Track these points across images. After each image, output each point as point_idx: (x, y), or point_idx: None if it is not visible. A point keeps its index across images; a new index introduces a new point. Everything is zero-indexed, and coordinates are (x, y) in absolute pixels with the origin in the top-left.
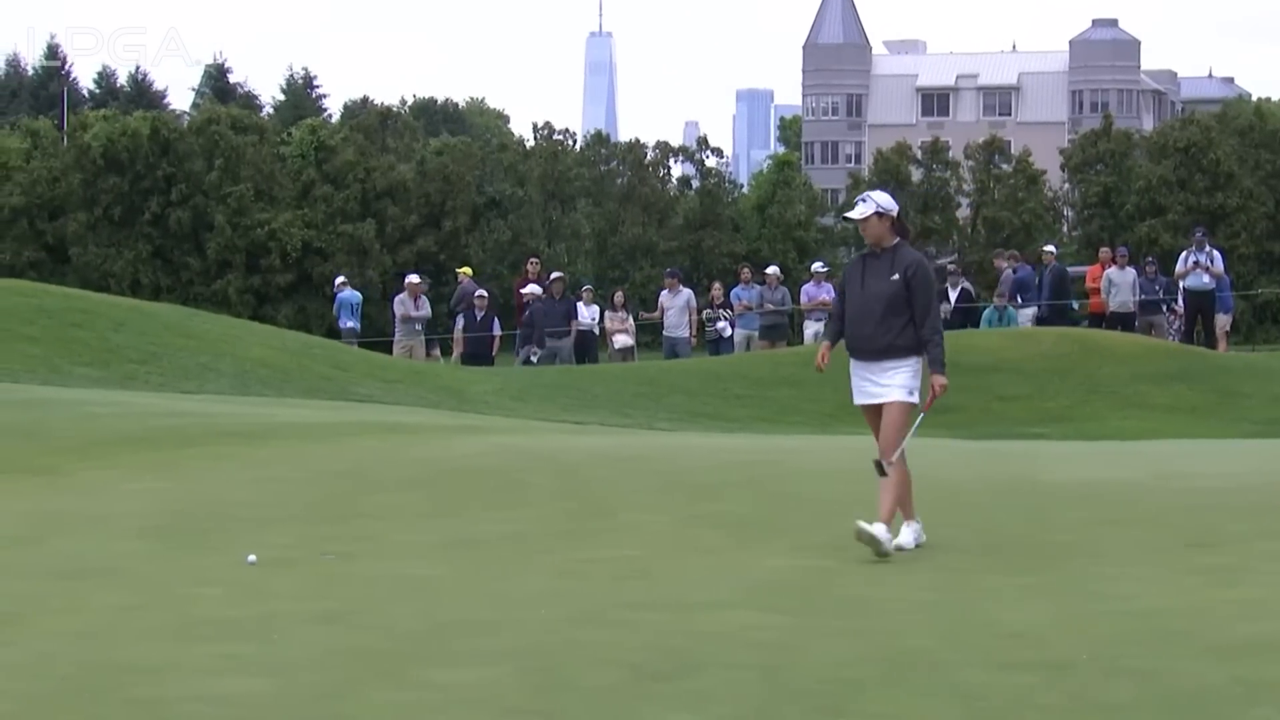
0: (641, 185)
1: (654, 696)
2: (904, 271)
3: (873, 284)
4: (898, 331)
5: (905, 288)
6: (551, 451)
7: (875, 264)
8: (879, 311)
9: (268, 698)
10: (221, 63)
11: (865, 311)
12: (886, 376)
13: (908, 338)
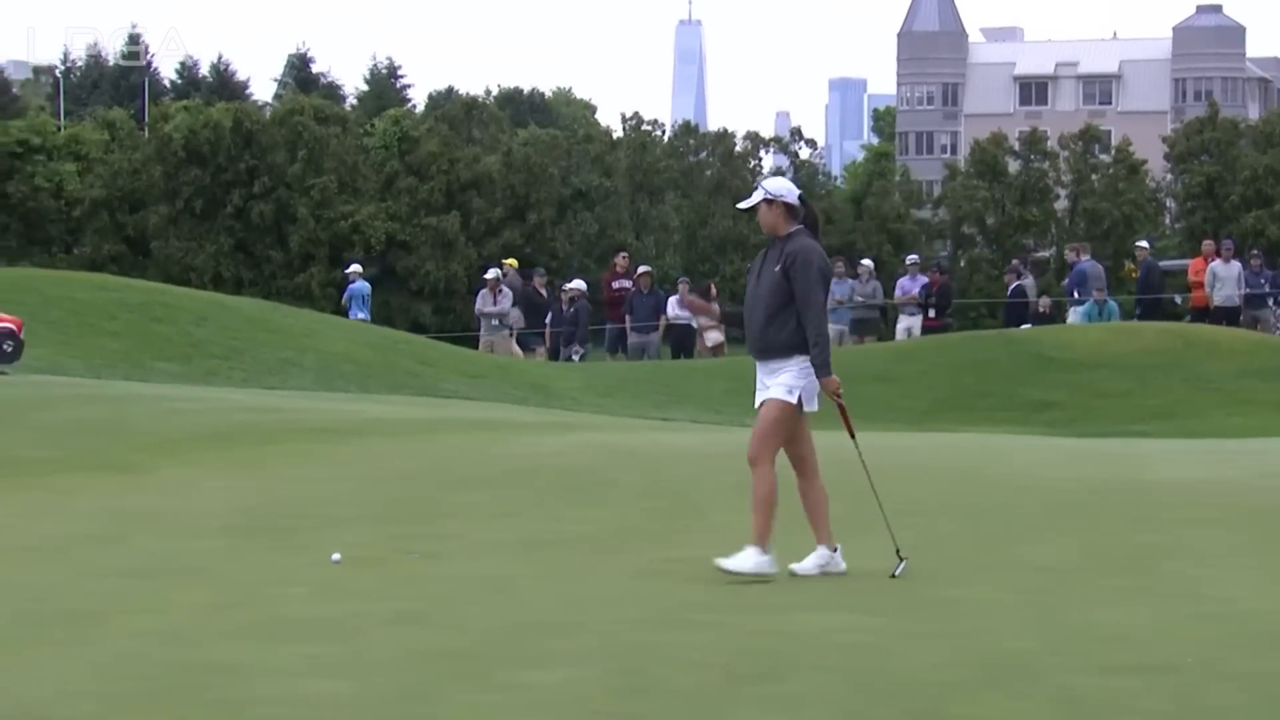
0: (732, 177)
1: (743, 699)
2: (785, 261)
3: (765, 278)
4: (779, 327)
5: (785, 279)
6: (639, 449)
7: (771, 255)
8: (763, 307)
9: (350, 699)
10: (304, 52)
11: (753, 307)
12: (772, 376)
13: (790, 334)
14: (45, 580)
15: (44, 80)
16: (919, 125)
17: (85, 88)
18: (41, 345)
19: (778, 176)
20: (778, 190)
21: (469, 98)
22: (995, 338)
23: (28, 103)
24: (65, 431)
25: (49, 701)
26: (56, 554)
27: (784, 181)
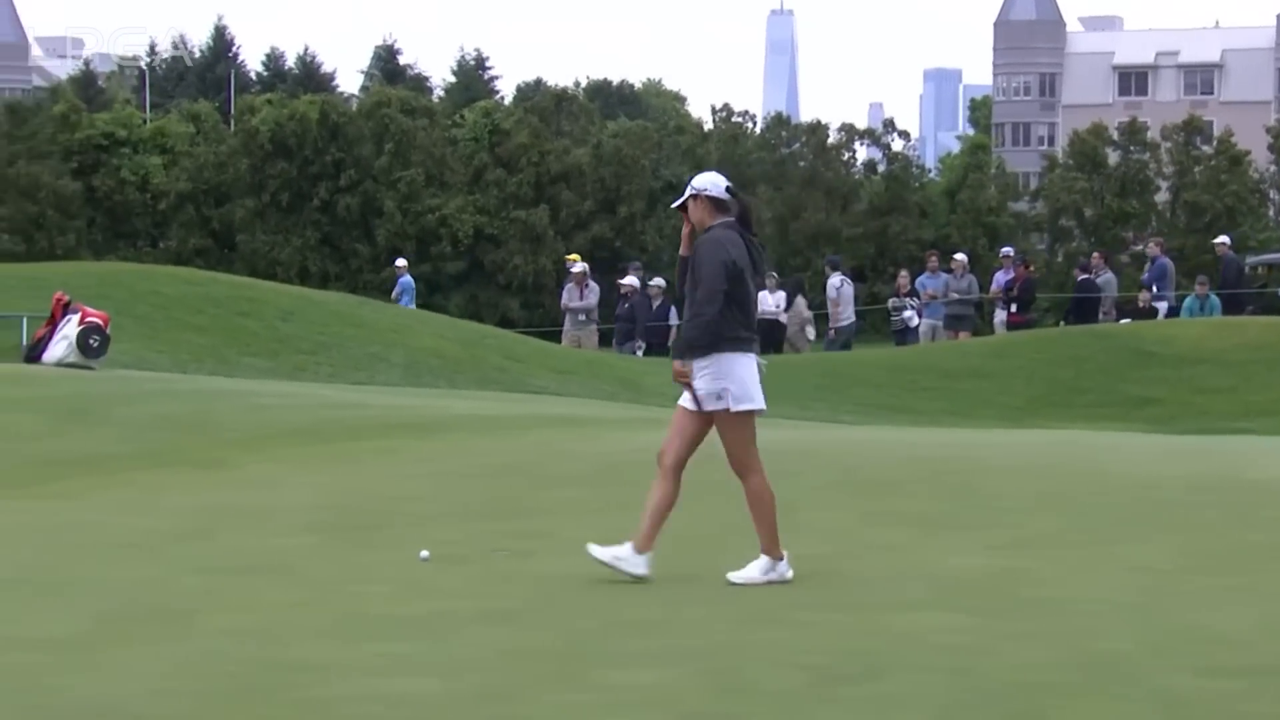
0: (824, 169)
1: (838, 700)
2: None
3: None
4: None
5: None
6: None
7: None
8: (686, 303)
9: (438, 698)
10: (391, 44)
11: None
12: (697, 375)
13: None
14: (134, 577)
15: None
16: (1015, 116)
17: (171, 80)
18: (128, 340)
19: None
20: (701, 185)
21: (558, 89)
22: (1093, 333)
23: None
24: (152, 427)
25: (139, 699)
26: (144, 551)
27: (711, 176)
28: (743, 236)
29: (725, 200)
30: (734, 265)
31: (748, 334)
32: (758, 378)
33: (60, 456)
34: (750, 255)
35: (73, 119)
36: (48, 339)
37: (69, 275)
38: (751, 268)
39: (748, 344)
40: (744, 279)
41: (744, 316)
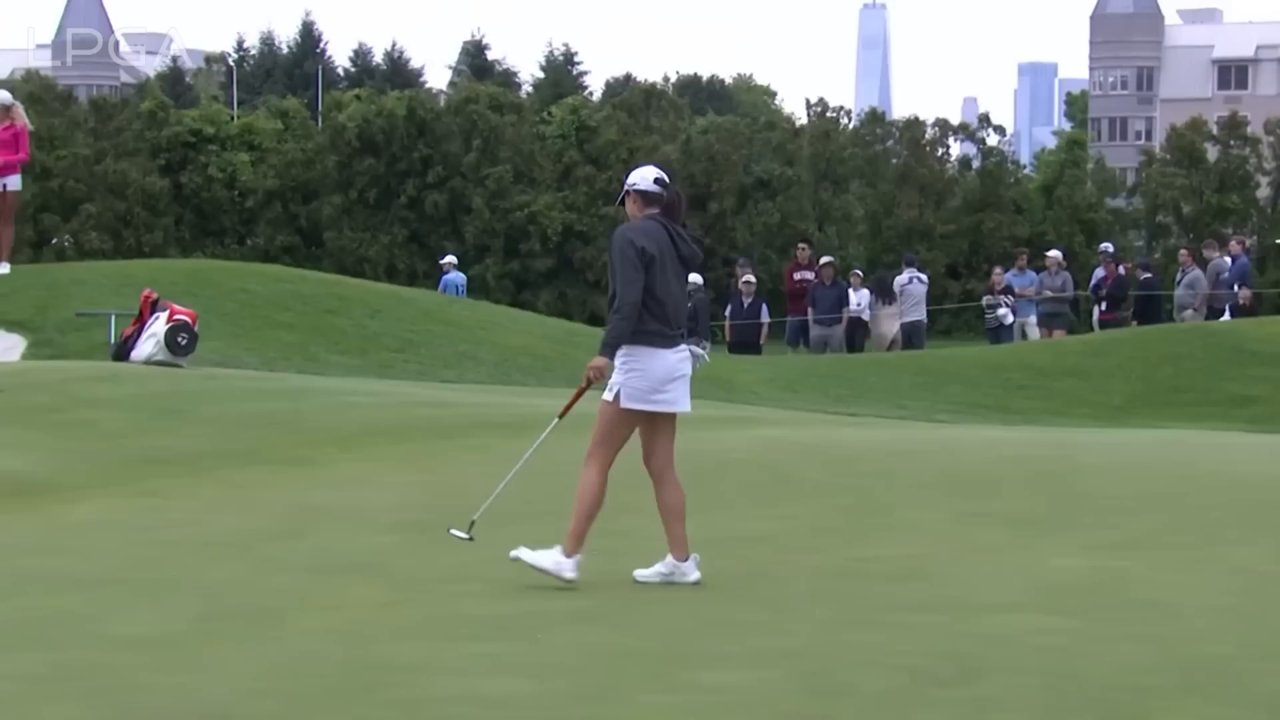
0: (918, 165)
1: (935, 703)
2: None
3: None
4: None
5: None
6: (823, 445)
7: None
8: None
9: (530, 699)
10: (479, 39)
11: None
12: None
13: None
14: (223, 576)
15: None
16: (1112, 111)
17: (258, 76)
18: (216, 338)
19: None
20: (632, 181)
21: (647, 85)
22: (1192, 330)
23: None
24: (240, 425)
25: (229, 699)
26: (234, 550)
27: (643, 170)
28: (667, 228)
29: (654, 193)
30: (643, 254)
31: (658, 326)
32: (671, 374)
33: (149, 455)
34: (676, 247)
35: (160, 116)
36: (136, 337)
37: (157, 272)
38: (678, 260)
39: (660, 338)
40: (659, 270)
41: (657, 308)
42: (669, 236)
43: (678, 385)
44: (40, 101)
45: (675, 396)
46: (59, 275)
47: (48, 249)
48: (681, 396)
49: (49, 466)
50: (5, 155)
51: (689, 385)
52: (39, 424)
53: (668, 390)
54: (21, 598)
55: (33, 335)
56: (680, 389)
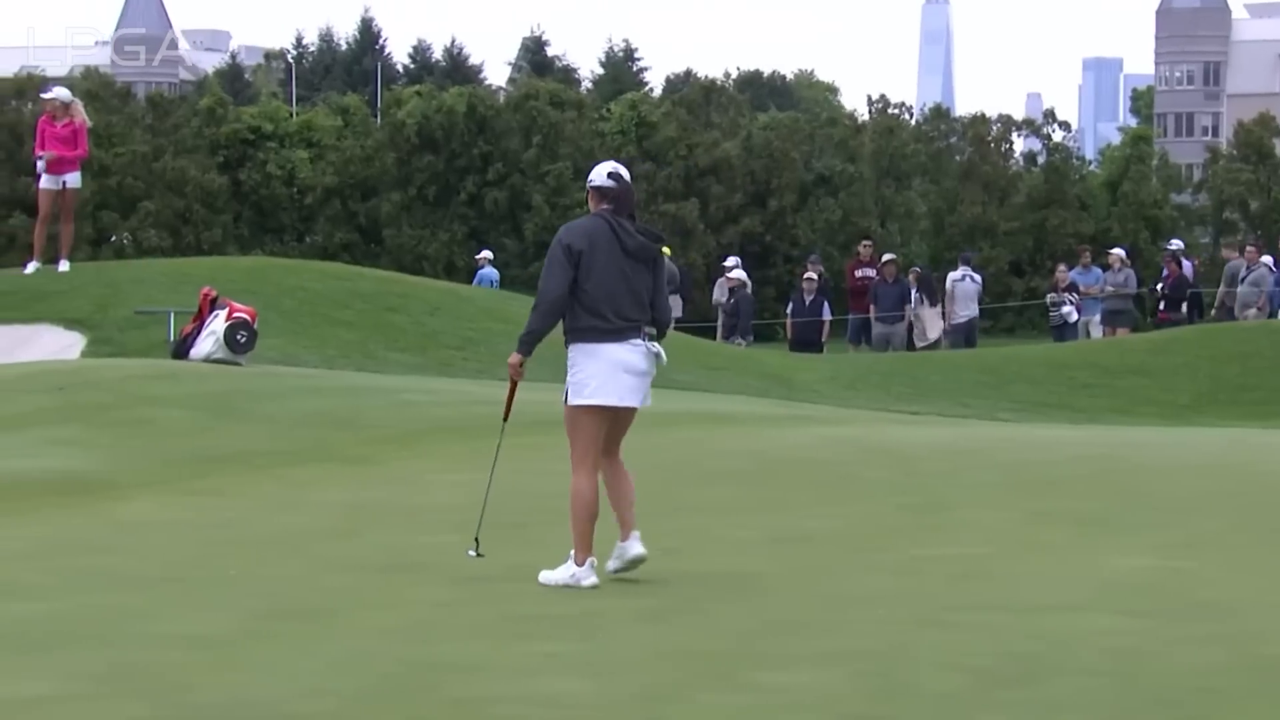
0: (982, 161)
1: (1000, 704)
2: None
3: None
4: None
5: None
6: (885, 443)
7: None
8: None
9: (591, 699)
10: (539, 35)
11: None
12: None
13: (565, 324)
14: (281, 575)
15: (276, 66)
16: (1178, 106)
17: (317, 73)
18: (275, 335)
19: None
20: (590, 177)
21: (708, 81)
22: (1260, 328)
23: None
24: (299, 423)
25: (288, 698)
26: (292, 548)
27: (599, 166)
28: (610, 222)
29: (606, 187)
30: (570, 251)
31: (592, 321)
32: (617, 367)
33: (208, 453)
34: (620, 241)
35: (219, 113)
36: (195, 334)
37: (215, 270)
38: (623, 253)
39: (596, 333)
40: (591, 265)
41: (591, 304)
42: (611, 230)
43: (625, 379)
44: (99, 98)
45: (621, 391)
46: (118, 273)
47: (106, 246)
48: (630, 391)
49: (107, 464)
50: (64, 152)
51: (644, 381)
52: (98, 422)
53: (612, 384)
54: (80, 596)
55: (92, 333)
56: (627, 383)
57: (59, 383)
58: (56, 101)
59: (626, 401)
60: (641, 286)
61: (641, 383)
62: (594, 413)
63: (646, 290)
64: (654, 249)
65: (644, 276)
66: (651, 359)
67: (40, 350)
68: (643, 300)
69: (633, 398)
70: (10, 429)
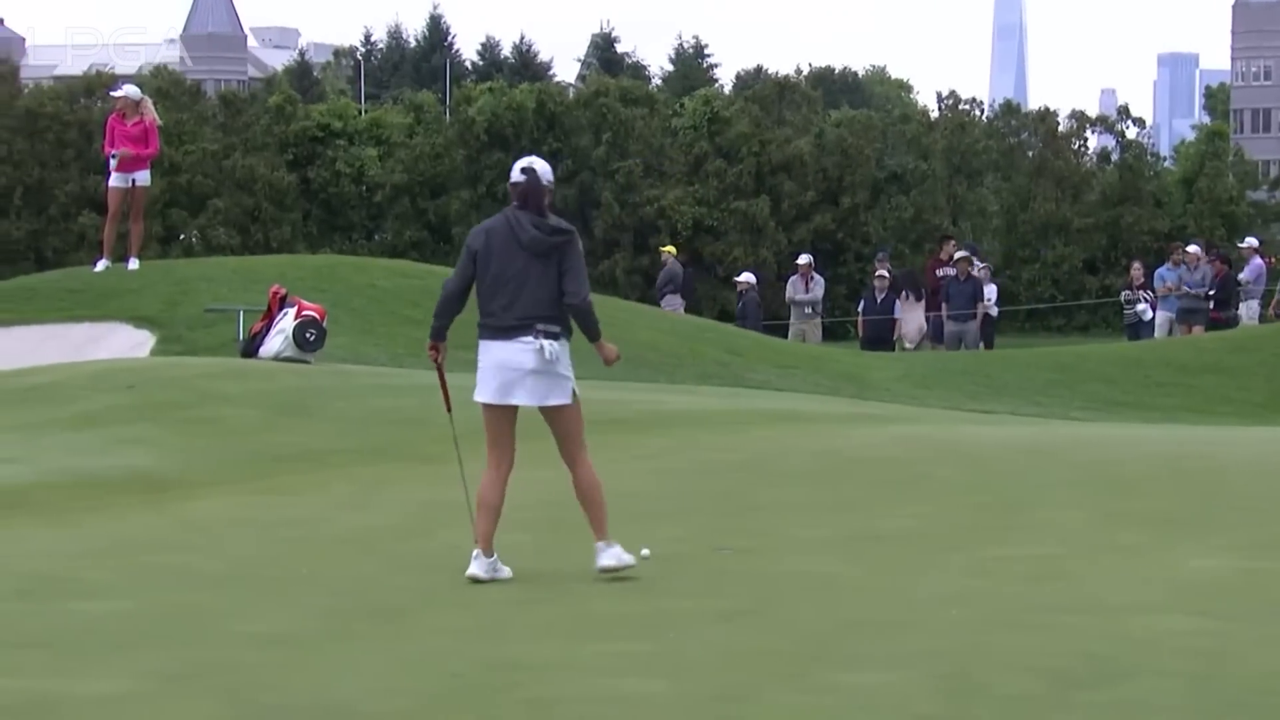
0: (1055, 158)
1: (1075, 706)
2: None
3: None
4: None
5: None
6: (958, 442)
7: None
8: None
9: (664, 699)
10: (609, 32)
11: None
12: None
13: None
14: (353, 573)
15: (345, 63)
16: (1255, 102)
17: (386, 70)
18: (344, 334)
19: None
20: (511, 176)
21: (780, 77)
22: None
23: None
24: (369, 422)
25: (360, 697)
26: (364, 547)
27: (522, 160)
28: (509, 217)
29: (516, 183)
30: (468, 249)
31: (485, 320)
32: (497, 368)
33: (278, 451)
34: (516, 237)
35: (288, 110)
36: (264, 333)
37: (284, 268)
38: (519, 249)
39: (487, 330)
40: (486, 263)
41: (484, 303)
42: (509, 226)
43: (506, 376)
44: (168, 96)
45: (499, 389)
46: (187, 271)
47: (175, 244)
48: (509, 389)
49: (177, 463)
50: (135, 150)
51: (535, 379)
52: (167, 420)
53: (492, 382)
54: (152, 595)
55: (161, 331)
56: (509, 380)
57: (129, 381)
58: (127, 99)
59: (508, 399)
60: (541, 281)
61: (531, 381)
62: (486, 409)
63: (549, 284)
64: (550, 242)
65: (544, 270)
66: (540, 357)
67: (110, 349)
68: (542, 295)
69: (518, 396)
70: (81, 428)
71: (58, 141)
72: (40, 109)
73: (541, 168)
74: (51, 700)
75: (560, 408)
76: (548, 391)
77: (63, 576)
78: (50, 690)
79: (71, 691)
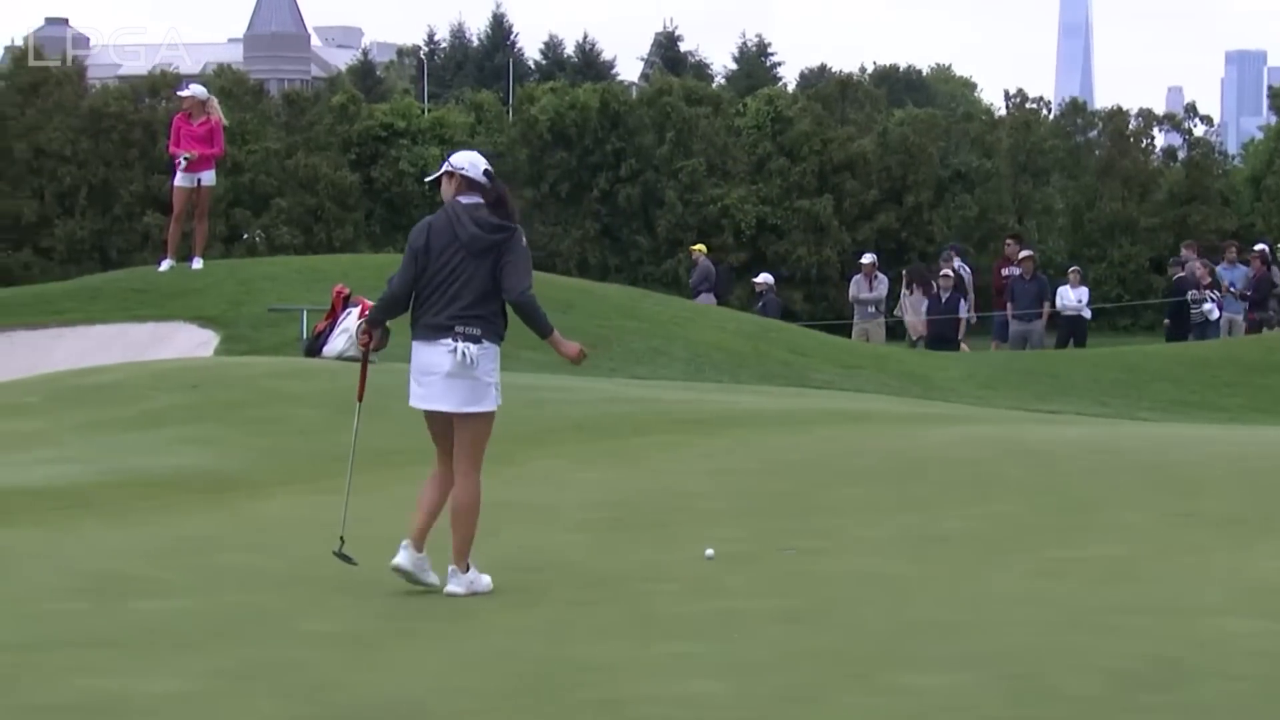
0: (1121, 157)
1: (1144, 708)
2: None
3: None
4: None
5: None
6: (1024, 442)
7: None
8: None
9: (728, 700)
10: (672, 30)
11: None
12: None
13: None
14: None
15: (408, 62)
16: None
17: (449, 69)
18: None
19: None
20: (459, 164)
21: (843, 76)
22: None
23: (392, 85)
24: None
25: (426, 696)
26: (428, 546)
27: (470, 156)
28: (450, 212)
29: (479, 182)
30: (410, 247)
31: (420, 319)
32: (418, 372)
33: (342, 451)
34: (455, 233)
35: (351, 110)
36: (328, 332)
37: (348, 267)
38: (457, 244)
39: (421, 329)
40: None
41: (423, 301)
42: (448, 221)
43: (426, 380)
44: (232, 96)
45: (421, 394)
46: (251, 271)
47: (239, 244)
48: (428, 394)
49: (241, 462)
50: (200, 150)
51: (452, 383)
52: (232, 420)
53: (415, 386)
54: (217, 594)
55: (225, 331)
56: (427, 384)
57: (193, 380)
58: (194, 99)
59: (428, 405)
60: (473, 281)
61: (447, 385)
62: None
63: (482, 284)
64: (487, 240)
65: (478, 269)
66: (455, 359)
67: (174, 348)
68: (472, 296)
69: (436, 401)
70: (146, 427)
71: (122, 141)
72: (105, 109)
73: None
74: (118, 699)
75: (471, 415)
76: (465, 398)
77: (128, 576)
78: (117, 689)
79: (138, 690)
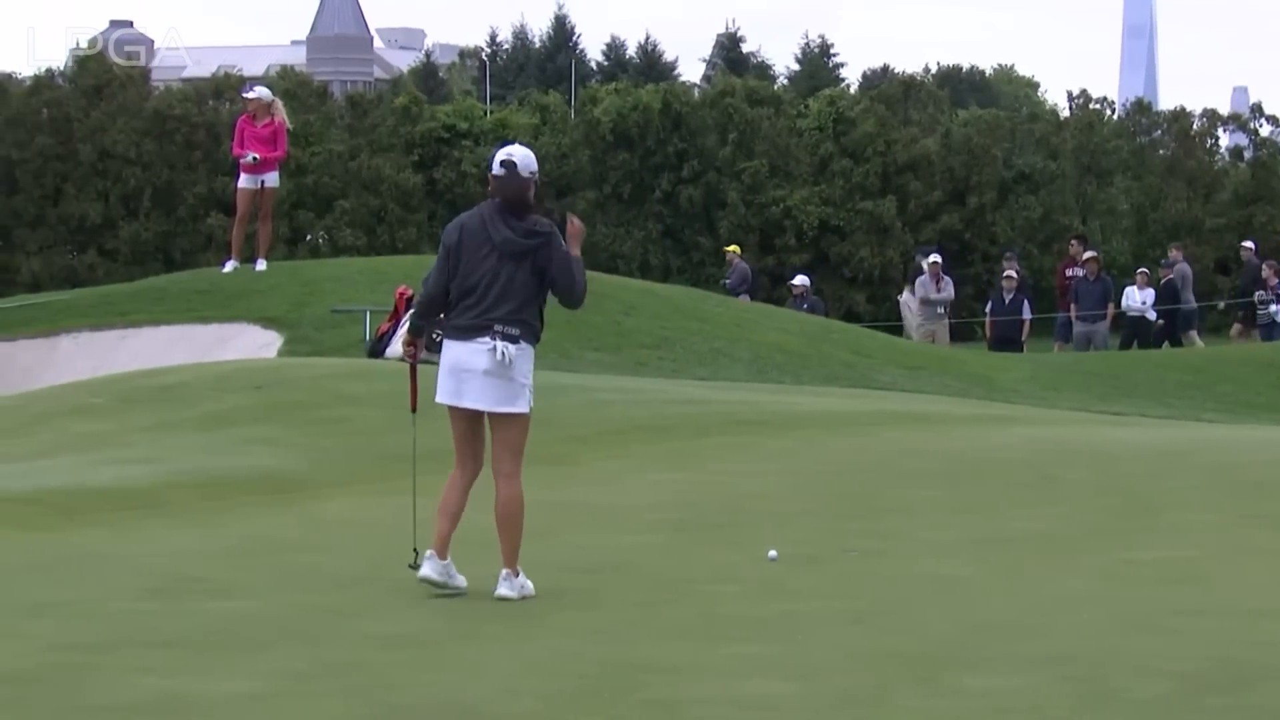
0: (1186, 157)
1: (1209, 710)
2: None
3: None
4: None
5: None
6: (1088, 444)
7: None
8: None
9: (793, 701)
10: (734, 31)
11: None
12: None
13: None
14: (480, 574)
15: (470, 64)
16: None
17: (511, 71)
18: None
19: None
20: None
21: (906, 76)
22: None
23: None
24: None
25: (488, 698)
26: (489, 548)
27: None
28: (485, 214)
29: (496, 176)
30: (443, 245)
31: (455, 319)
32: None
33: (404, 451)
34: (488, 235)
35: (414, 111)
36: (391, 333)
37: (411, 269)
38: (490, 246)
39: (455, 330)
40: (458, 261)
41: (458, 300)
42: (483, 223)
43: (460, 377)
44: (295, 98)
45: (452, 390)
46: (314, 272)
47: (302, 245)
48: (461, 392)
49: (305, 463)
50: (265, 153)
51: (488, 381)
52: (295, 421)
53: (447, 383)
54: (281, 594)
55: (289, 332)
56: (462, 381)
57: (257, 382)
58: (259, 101)
59: (462, 402)
60: (511, 284)
61: (484, 383)
62: (449, 410)
63: (520, 287)
64: (523, 245)
65: (516, 272)
66: (493, 358)
67: (238, 349)
68: (509, 298)
69: (469, 398)
70: (210, 428)
71: (186, 143)
72: (169, 110)
73: (522, 158)
74: (184, 699)
75: (508, 416)
76: (500, 397)
77: (194, 576)
78: (183, 689)
79: (204, 690)
